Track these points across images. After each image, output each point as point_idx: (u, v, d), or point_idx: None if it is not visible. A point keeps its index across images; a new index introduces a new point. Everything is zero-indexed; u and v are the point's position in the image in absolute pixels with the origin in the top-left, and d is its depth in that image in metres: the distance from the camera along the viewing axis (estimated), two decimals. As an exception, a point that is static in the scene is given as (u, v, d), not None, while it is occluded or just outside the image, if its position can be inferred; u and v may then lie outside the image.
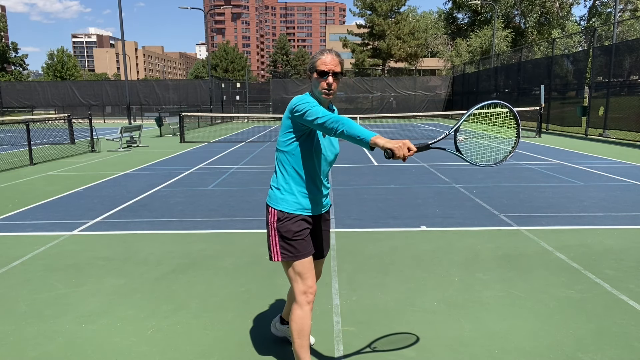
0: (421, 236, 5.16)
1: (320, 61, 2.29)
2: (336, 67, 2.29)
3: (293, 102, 2.29)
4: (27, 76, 70.86)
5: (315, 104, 2.23)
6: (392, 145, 2.00)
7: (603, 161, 10.80)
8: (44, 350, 2.89)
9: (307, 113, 2.20)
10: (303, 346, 2.41)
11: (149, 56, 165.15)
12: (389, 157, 2.02)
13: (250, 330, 3.12)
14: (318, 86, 2.31)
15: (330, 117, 2.14)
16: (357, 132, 2.06)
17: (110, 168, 10.70)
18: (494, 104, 2.43)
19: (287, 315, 2.90)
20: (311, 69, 2.33)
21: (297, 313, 2.39)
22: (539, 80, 21.65)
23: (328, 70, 2.27)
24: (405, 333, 3.04)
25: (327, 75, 2.28)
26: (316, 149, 2.36)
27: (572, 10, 49.18)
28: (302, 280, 2.38)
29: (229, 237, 5.21)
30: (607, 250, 4.59)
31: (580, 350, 2.79)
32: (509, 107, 2.49)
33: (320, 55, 2.31)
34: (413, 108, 37.26)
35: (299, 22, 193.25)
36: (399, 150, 2.00)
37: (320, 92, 2.31)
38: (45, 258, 4.57)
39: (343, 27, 69.05)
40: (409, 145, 2.01)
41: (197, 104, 38.37)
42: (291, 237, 2.36)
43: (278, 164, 2.43)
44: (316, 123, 2.17)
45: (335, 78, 2.29)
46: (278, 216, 2.38)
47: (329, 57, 2.29)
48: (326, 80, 2.29)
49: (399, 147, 2.00)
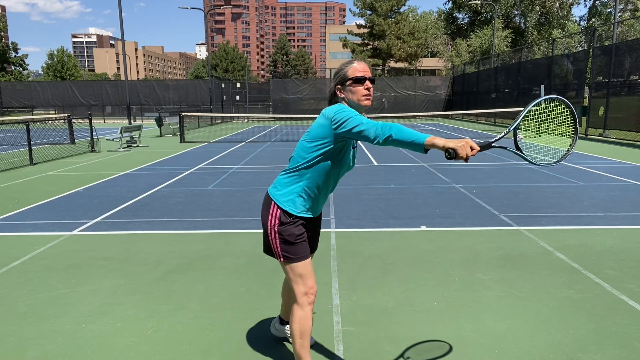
0: (421, 236, 5.15)
1: (352, 69, 2.27)
2: (369, 72, 2.30)
3: (330, 112, 2.20)
4: (27, 76, 70.82)
5: (355, 113, 2.16)
6: (454, 145, 1.90)
7: (603, 161, 10.80)
8: (44, 350, 2.88)
9: (348, 121, 2.11)
10: (304, 346, 2.41)
11: (149, 56, 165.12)
12: (450, 157, 1.90)
13: (250, 330, 3.12)
14: (356, 94, 2.27)
15: (376, 123, 2.05)
16: (409, 136, 1.96)
17: (110, 168, 10.70)
18: (550, 99, 2.35)
19: (285, 314, 2.90)
20: (342, 80, 2.29)
21: (299, 314, 2.38)
22: (539, 80, 21.65)
23: (364, 76, 2.26)
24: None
25: (365, 80, 2.26)
26: (340, 163, 2.31)
27: (572, 10, 49.18)
28: (303, 282, 2.37)
29: (229, 237, 5.20)
30: (607, 250, 4.59)
31: (580, 350, 2.79)
32: (566, 102, 2.41)
33: (350, 65, 2.30)
34: (413, 108, 37.26)
35: (299, 22, 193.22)
36: (462, 150, 1.89)
37: (360, 100, 2.27)
38: (45, 258, 4.57)
39: (343, 27, 69.07)
40: (472, 144, 1.91)
41: (197, 104, 38.38)
42: (294, 241, 2.34)
43: (295, 165, 2.34)
44: (357, 130, 2.08)
45: (372, 83, 2.29)
46: (281, 219, 2.34)
47: (361, 64, 2.29)
48: (364, 85, 2.26)
49: (462, 146, 1.89)
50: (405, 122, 32.08)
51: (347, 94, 2.30)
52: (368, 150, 13.62)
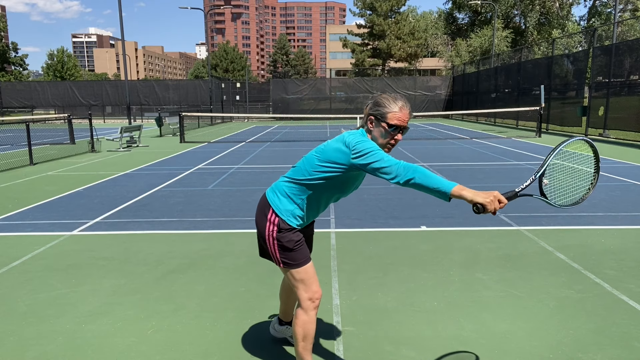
0: (421, 236, 5.16)
1: (394, 115, 2.13)
2: (407, 121, 2.16)
3: (351, 140, 2.10)
4: (27, 76, 70.81)
5: (377, 147, 2.06)
6: (482, 200, 1.85)
7: (603, 161, 10.80)
8: (44, 350, 2.88)
9: (369, 155, 2.02)
10: (307, 349, 2.40)
11: (149, 56, 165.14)
12: (479, 212, 1.85)
13: (250, 330, 3.12)
14: (385, 137, 2.16)
15: (398, 162, 1.96)
16: (434, 183, 1.89)
17: (110, 168, 10.70)
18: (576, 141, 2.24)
19: (284, 315, 2.90)
20: (381, 117, 2.15)
21: (303, 318, 2.35)
22: (539, 80, 21.65)
23: (401, 126, 2.14)
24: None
25: (399, 131, 2.14)
26: (345, 189, 2.27)
27: (572, 10, 49.17)
28: (306, 287, 2.33)
29: (229, 237, 5.20)
30: (607, 250, 4.59)
31: (580, 350, 2.79)
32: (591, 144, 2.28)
33: (394, 107, 2.14)
34: (413, 108, 36.86)
35: (299, 22, 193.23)
36: (491, 205, 1.84)
37: (385, 145, 2.17)
38: (45, 258, 4.57)
39: (343, 27, 69.07)
40: (500, 197, 1.87)
41: (197, 104, 38.37)
42: (292, 247, 2.31)
43: (299, 178, 2.27)
44: (376, 166, 1.99)
45: (403, 133, 2.18)
46: (280, 226, 2.29)
47: (406, 113, 2.15)
48: (396, 137, 2.15)
49: (491, 202, 1.84)
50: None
51: (374, 131, 2.19)
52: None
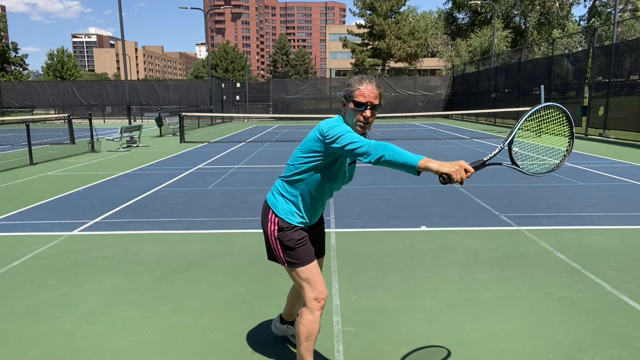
0: (421, 236, 5.15)
1: (358, 91, 2.15)
2: (375, 99, 2.15)
3: (323, 127, 2.15)
4: (27, 76, 70.83)
5: (348, 130, 2.09)
6: (448, 170, 1.85)
7: (603, 161, 10.80)
8: (44, 350, 2.88)
9: (340, 138, 2.06)
10: (309, 349, 2.40)
11: (149, 56, 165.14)
12: (445, 182, 1.85)
13: (250, 330, 3.12)
14: (353, 117, 2.18)
15: (369, 142, 2.00)
16: (402, 157, 1.91)
17: (110, 168, 10.70)
18: (544, 107, 2.25)
19: (287, 315, 2.90)
20: (347, 97, 2.19)
21: (307, 318, 2.34)
22: (539, 80, 21.64)
23: (366, 102, 2.14)
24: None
25: (365, 108, 2.14)
26: (332, 177, 2.28)
27: (572, 10, 49.16)
28: (311, 286, 2.33)
29: (229, 237, 5.20)
30: (607, 250, 4.59)
31: (580, 350, 2.79)
32: (561, 108, 2.32)
33: (359, 85, 2.16)
34: (413, 108, 37.25)
35: (299, 22, 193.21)
36: (457, 174, 1.84)
37: (355, 124, 2.18)
38: (45, 258, 4.57)
39: (343, 27, 69.06)
40: (466, 166, 1.87)
41: (197, 104, 38.38)
42: (294, 246, 2.32)
43: (290, 174, 2.32)
44: (349, 148, 2.03)
45: (373, 110, 2.16)
46: (280, 225, 2.32)
47: (369, 87, 2.15)
48: (363, 113, 2.15)
49: (456, 171, 1.84)
50: (406, 122, 32.08)
51: (346, 112, 2.23)
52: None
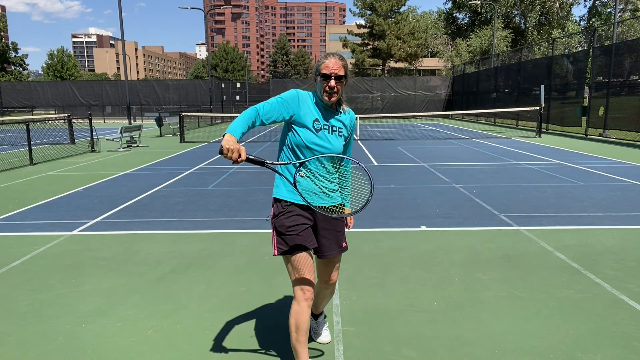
0: (421, 236, 5.15)
1: (323, 65, 2.41)
2: (339, 70, 2.39)
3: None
4: (27, 76, 70.80)
5: (273, 100, 2.40)
6: (223, 143, 2.16)
7: (603, 161, 10.80)
8: (44, 350, 2.88)
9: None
10: (299, 341, 2.43)
11: (149, 56, 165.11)
12: (220, 153, 2.18)
13: (250, 330, 3.12)
14: (320, 87, 2.44)
15: (253, 108, 2.38)
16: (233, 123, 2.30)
17: (110, 168, 10.70)
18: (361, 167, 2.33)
19: (314, 307, 2.85)
20: (316, 72, 2.46)
21: (294, 308, 2.42)
22: (539, 80, 21.65)
23: (330, 74, 2.39)
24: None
25: (330, 78, 2.39)
26: (302, 139, 2.42)
27: (572, 10, 49.12)
28: (297, 276, 2.42)
29: (229, 237, 5.20)
30: (607, 250, 4.59)
31: (580, 350, 2.79)
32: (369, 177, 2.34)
33: (324, 59, 2.44)
34: (413, 108, 37.26)
35: (299, 22, 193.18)
36: (227, 151, 2.14)
37: (322, 94, 2.43)
38: (45, 258, 4.57)
39: (343, 27, 69.05)
40: (241, 152, 2.14)
41: (197, 104, 38.39)
42: (284, 232, 2.41)
43: (279, 152, 2.55)
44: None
45: (338, 81, 2.40)
46: (274, 212, 2.48)
47: (332, 60, 2.40)
48: (328, 83, 2.40)
49: (228, 149, 2.14)
50: (406, 122, 32.08)
51: (317, 84, 2.47)
52: (368, 151, 13.62)
